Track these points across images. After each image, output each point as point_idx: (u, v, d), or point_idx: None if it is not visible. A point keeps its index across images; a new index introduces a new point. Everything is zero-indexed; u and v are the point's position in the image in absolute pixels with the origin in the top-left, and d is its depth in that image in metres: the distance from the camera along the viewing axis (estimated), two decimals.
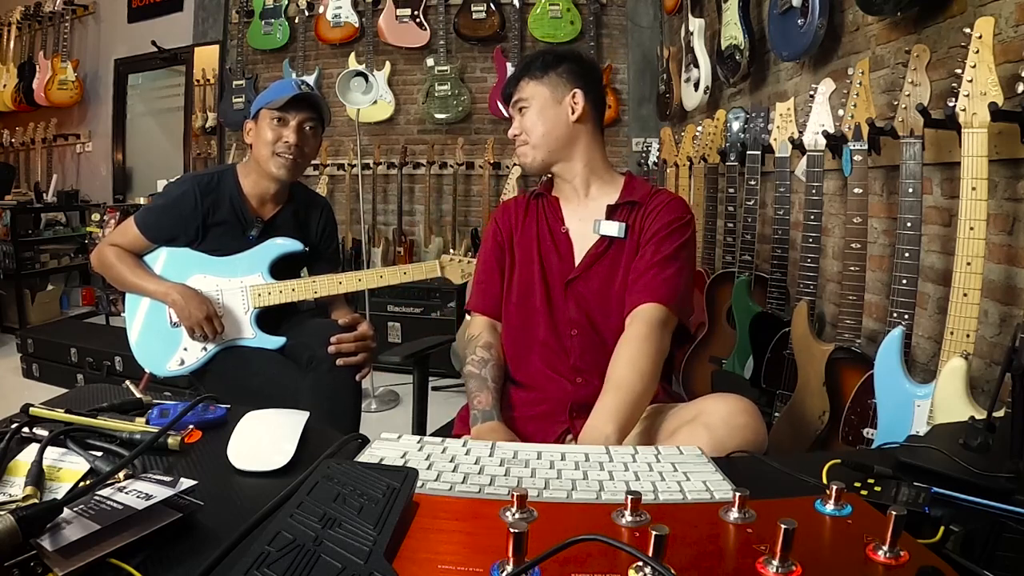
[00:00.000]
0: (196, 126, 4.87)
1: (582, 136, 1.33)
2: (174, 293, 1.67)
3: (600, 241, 1.30)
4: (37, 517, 0.52)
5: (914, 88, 1.49)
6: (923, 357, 1.74)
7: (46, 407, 0.82)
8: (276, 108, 1.65)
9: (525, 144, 1.34)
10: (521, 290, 1.33)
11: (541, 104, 1.32)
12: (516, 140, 1.36)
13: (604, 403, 1.08)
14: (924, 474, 0.69)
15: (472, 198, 4.41)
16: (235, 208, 1.74)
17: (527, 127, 1.33)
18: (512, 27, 4.19)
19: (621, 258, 1.28)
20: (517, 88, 1.35)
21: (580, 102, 1.30)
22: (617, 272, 1.28)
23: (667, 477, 0.69)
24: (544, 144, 1.32)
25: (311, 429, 0.82)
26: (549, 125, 1.31)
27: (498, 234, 1.39)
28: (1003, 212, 1.47)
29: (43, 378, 3.49)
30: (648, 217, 1.28)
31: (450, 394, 3.29)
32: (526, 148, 1.34)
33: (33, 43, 5.16)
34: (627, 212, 1.30)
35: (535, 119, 1.32)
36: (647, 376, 1.12)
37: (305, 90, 1.67)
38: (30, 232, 4.64)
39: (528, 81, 1.34)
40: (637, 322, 1.18)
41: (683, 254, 1.25)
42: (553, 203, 1.37)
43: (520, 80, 1.35)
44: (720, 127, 2.57)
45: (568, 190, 1.36)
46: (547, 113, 1.32)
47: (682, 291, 1.23)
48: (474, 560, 0.50)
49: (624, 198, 1.31)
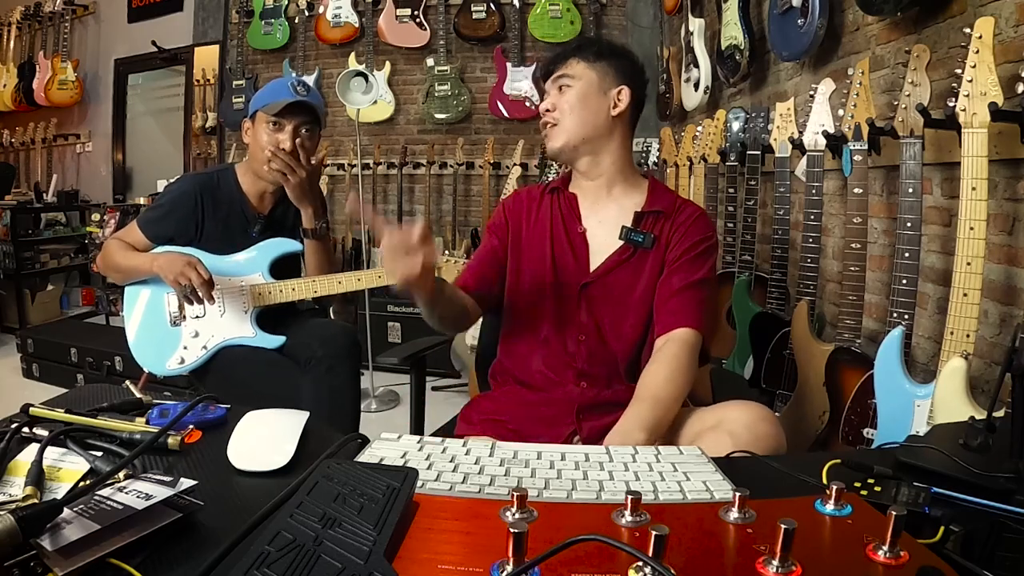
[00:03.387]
0: (196, 126, 4.87)
1: (616, 134, 1.28)
2: (159, 259, 1.65)
3: (624, 248, 1.26)
4: (37, 517, 0.52)
5: (914, 88, 1.49)
6: (923, 357, 1.74)
7: (46, 407, 0.82)
8: (272, 113, 1.65)
9: (554, 124, 1.27)
10: (531, 287, 1.30)
11: (586, 88, 1.26)
12: (545, 117, 1.28)
13: (639, 412, 1.08)
14: (924, 474, 0.69)
15: (472, 198, 4.41)
16: (236, 206, 1.75)
17: (563, 106, 1.26)
18: (512, 27, 4.19)
19: (644, 267, 1.25)
20: (565, 64, 1.28)
21: (625, 100, 1.26)
22: (639, 281, 1.25)
23: (667, 477, 0.69)
24: (578, 131, 1.25)
25: (311, 429, 0.82)
26: (588, 113, 1.25)
27: (503, 225, 1.35)
28: (1003, 212, 1.47)
29: (43, 378, 3.49)
30: (677, 231, 1.25)
31: (450, 394, 3.29)
32: (557, 130, 1.27)
33: (33, 43, 5.16)
34: (653, 221, 1.26)
35: (575, 101, 1.25)
36: (681, 397, 1.13)
37: (302, 94, 1.66)
38: (30, 232, 4.64)
39: (579, 61, 1.27)
40: (674, 344, 1.17)
41: (712, 276, 1.25)
42: (571, 200, 1.31)
43: (571, 57, 1.28)
44: (720, 127, 2.57)
45: (590, 188, 1.31)
46: (590, 99, 1.26)
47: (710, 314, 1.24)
48: (474, 560, 0.50)
49: (651, 206, 1.27)
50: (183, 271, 1.59)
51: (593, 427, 1.20)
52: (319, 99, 1.77)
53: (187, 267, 1.60)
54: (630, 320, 1.24)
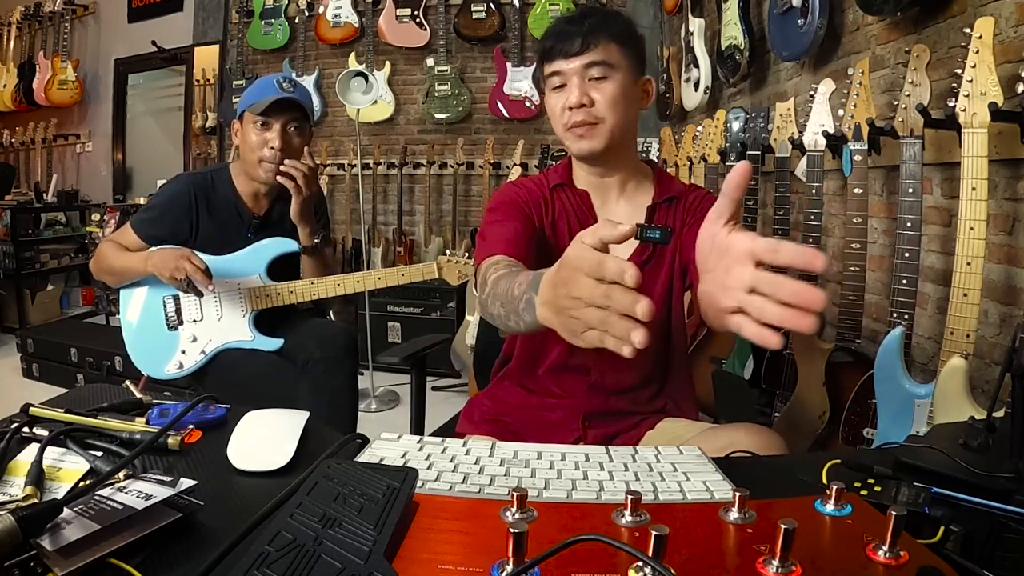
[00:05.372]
0: (196, 126, 4.87)
1: (635, 128, 1.14)
2: (152, 257, 1.63)
3: (642, 248, 1.14)
4: (37, 517, 0.52)
5: (914, 88, 1.49)
6: (923, 357, 1.74)
7: (46, 407, 0.82)
8: (258, 112, 1.63)
9: (594, 124, 1.06)
10: None
11: (625, 79, 1.05)
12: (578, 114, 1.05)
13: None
14: (924, 474, 0.69)
15: (472, 198, 4.40)
16: (231, 207, 1.74)
17: (606, 101, 1.04)
18: (512, 27, 4.18)
19: (662, 268, 1.15)
20: (598, 45, 1.03)
21: (652, 93, 1.12)
22: (658, 279, 1.15)
23: (667, 477, 0.69)
24: (620, 131, 1.07)
25: (311, 429, 0.82)
26: (630, 110, 1.08)
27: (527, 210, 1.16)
28: (1003, 212, 1.47)
29: (43, 378, 3.50)
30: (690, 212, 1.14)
31: (450, 394, 3.29)
32: (598, 129, 1.06)
33: (33, 43, 5.16)
34: (666, 211, 1.16)
35: (619, 96, 1.04)
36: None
37: (287, 90, 1.64)
38: (30, 232, 4.64)
39: (613, 43, 1.04)
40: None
41: None
42: (583, 199, 1.18)
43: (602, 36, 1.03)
44: (720, 127, 2.57)
45: (602, 186, 1.18)
46: (629, 93, 1.07)
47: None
48: (474, 560, 0.50)
49: (661, 195, 1.17)
50: (178, 265, 1.57)
51: (598, 435, 1.15)
52: (306, 94, 1.74)
53: (181, 260, 1.57)
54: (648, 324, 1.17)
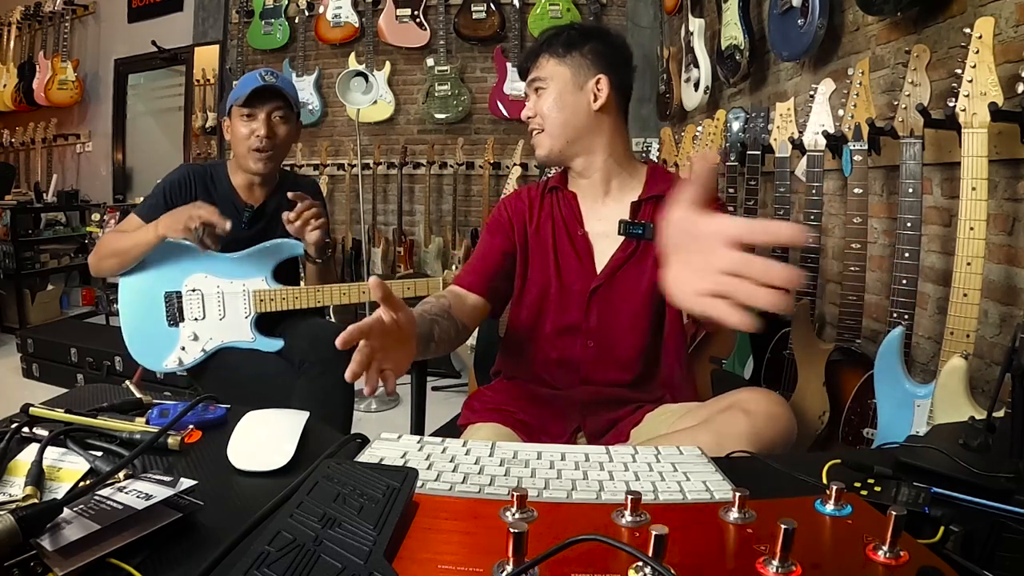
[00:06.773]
0: (196, 126, 4.86)
1: (605, 127, 1.21)
2: (159, 223, 1.60)
3: (626, 244, 1.19)
4: (37, 517, 0.52)
5: (914, 88, 1.49)
6: (923, 357, 1.74)
7: (46, 407, 0.82)
8: (242, 104, 1.66)
9: (540, 131, 1.22)
10: (536, 295, 1.25)
11: (560, 88, 1.19)
12: (530, 123, 1.23)
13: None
14: (924, 474, 0.69)
15: (472, 198, 4.41)
16: (228, 198, 1.76)
17: (543, 111, 1.20)
18: (512, 27, 4.19)
19: (648, 260, 1.18)
20: (536, 64, 1.22)
21: (604, 89, 1.18)
22: (644, 272, 1.19)
23: (667, 477, 0.69)
24: (562, 134, 1.20)
25: (311, 429, 0.82)
26: (568, 113, 1.19)
27: (507, 224, 1.27)
28: (1003, 212, 1.47)
29: (43, 378, 3.49)
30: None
31: (450, 394, 3.29)
32: (542, 137, 1.22)
33: (33, 43, 5.16)
34: (652, 208, 1.19)
35: (552, 104, 1.19)
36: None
37: (269, 80, 1.67)
38: (30, 232, 4.64)
39: (548, 58, 1.20)
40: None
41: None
42: (570, 200, 1.25)
43: (540, 56, 1.21)
44: (720, 127, 2.57)
45: (588, 186, 1.25)
46: (566, 99, 1.19)
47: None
48: (474, 560, 0.50)
49: (648, 192, 1.21)
50: (190, 215, 1.55)
51: (601, 421, 1.19)
52: (289, 84, 1.76)
53: (192, 210, 1.56)
54: (638, 318, 1.20)
